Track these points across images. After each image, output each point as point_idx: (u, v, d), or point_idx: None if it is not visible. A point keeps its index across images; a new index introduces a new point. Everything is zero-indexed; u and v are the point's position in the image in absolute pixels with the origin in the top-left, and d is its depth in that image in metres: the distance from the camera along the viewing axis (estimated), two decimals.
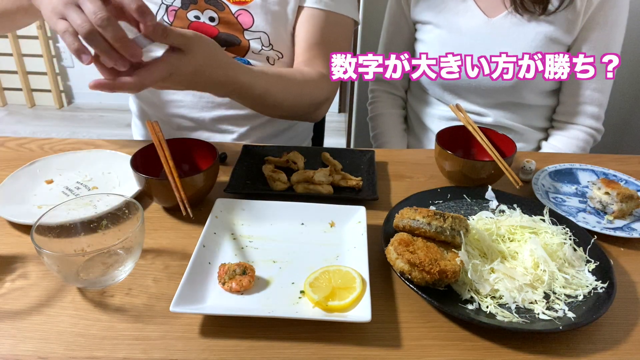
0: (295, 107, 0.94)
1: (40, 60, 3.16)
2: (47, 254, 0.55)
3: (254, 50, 0.99)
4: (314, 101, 0.97)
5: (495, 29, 1.05)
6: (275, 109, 0.93)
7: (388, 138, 1.24)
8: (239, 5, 0.95)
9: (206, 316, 0.57)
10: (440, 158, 0.84)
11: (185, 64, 0.69)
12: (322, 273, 0.61)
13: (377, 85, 1.30)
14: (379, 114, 1.28)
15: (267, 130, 1.11)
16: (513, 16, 1.04)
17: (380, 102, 1.29)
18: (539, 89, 1.09)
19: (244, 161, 0.88)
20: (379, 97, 1.29)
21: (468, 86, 1.10)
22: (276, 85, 0.87)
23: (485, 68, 0.90)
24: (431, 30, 1.11)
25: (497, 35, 1.05)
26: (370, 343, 0.55)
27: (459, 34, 1.08)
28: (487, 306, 0.58)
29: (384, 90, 1.29)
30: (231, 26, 0.97)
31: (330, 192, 0.79)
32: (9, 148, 0.94)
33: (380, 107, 1.28)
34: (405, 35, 1.19)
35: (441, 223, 0.63)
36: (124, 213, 0.65)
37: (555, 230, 0.68)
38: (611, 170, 0.88)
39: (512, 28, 1.04)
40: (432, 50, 1.11)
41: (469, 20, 1.07)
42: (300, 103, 0.94)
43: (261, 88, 0.84)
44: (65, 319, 0.57)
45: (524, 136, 1.15)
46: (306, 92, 0.94)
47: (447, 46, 1.08)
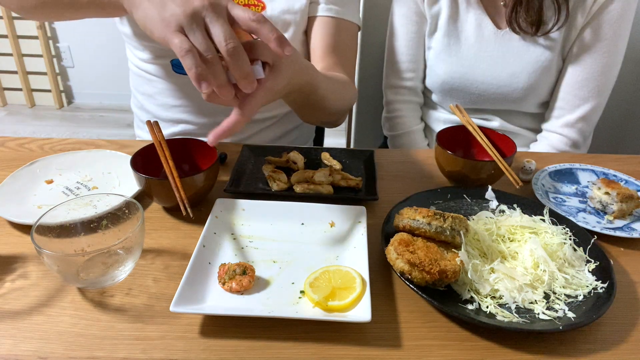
0: (335, 110, 0.91)
1: (40, 60, 3.16)
2: (47, 254, 0.55)
3: None
4: (350, 104, 0.98)
5: (505, 41, 1.04)
6: (320, 111, 0.89)
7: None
8: None
9: (206, 316, 0.57)
10: (440, 158, 0.84)
11: (279, 82, 0.62)
12: (322, 273, 0.61)
13: (395, 95, 1.20)
14: (406, 133, 1.19)
15: (269, 135, 1.12)
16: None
17: (403, 117, 1.20)
18: (542, 101, 1.10)
19: (244, 161, 0.88)
20: (400, 110, 1.20)
21: (477, 97, 1.09)
22: (331, 87, 0.84)
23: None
24: (440, 38, 1.09)
25: (506, 47, 1.04)
26: (370, 343, 0.55)
27: (468, 44, 1.07)
28: (487, 306, 0.58)
29: (405, 101, 1.20)
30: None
31: (330, 192, 0.79)
32: (9, 148, 0.94)
33: (406, 124, 1.19)
34: (423, 31, 1.12)
35: (441, 223, 0.63)
36: (124, 213, 0.65)
37: (555, 230, 0.68)
38: (611, 170, 0.88)
39: (522, 39, 1.03)
40: (440, 60, 1.10)
41: (478, 30, 1.05)
42: (342, 106, 0.93)
43: (323, 89, 0.80)
44: (65, 319, 0.57)
45: (529, 139, 1.15)
46: (347, 95, 0.94)
47: (456, 57, 1.08)
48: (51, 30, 3.15)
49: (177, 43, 0.53)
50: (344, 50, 1.00)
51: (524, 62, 1.03)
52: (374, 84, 1.34)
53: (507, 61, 1.04)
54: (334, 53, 0.98)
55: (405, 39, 1.14)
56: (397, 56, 1.17)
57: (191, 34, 0.54)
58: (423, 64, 1.17)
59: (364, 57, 1.45)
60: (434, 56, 1.12)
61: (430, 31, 1.11)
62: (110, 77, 3.27)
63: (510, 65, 1.04)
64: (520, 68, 1.03)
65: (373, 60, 1.32)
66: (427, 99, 1.22)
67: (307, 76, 0.73)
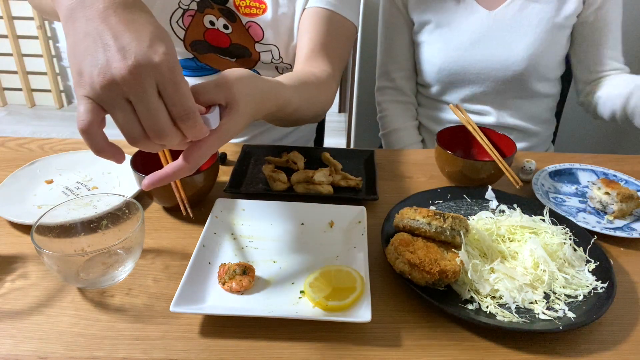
0: (312, 113, 0.88)
1: (40, 60, 3.16)
2: (47, 254, 0.55)
3: (264, 62, 0.99)
4: (329, 103, 0.94)
5: (497, 21, 1.06)
6: (298, 119, 0.85)
7: None
8: (249, 17, 0.95)
9: (206, 316, 0.57)
10: (440, 158, 0.84)
11: (238, 123, 0.54)
12: (322, 273, 0.61)
13: (383, 96, 1.23)
14: (393, 130, 1.21)
15: (270, 137, 1.12)
16: (514, 5, 1.04)
17: (391, 116, 1.21)
18: (547, 77, 1.10)
19: (244, 161, 0.88)
20: (387, 109, 1.22)
21: (476, 78, 1.09)
22: (304, 96, 0.79)
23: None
24: (432, 30, 1.11)
25: (500, 27, 1.05)
26: (370, 343, 0.55)
27: (461, 31, 1.08)
28: (487, 306, 0.58)
29: (392, 101, 1.22)
30: (243, 37, 0.97)
31: (330, 192, 0.79)
32: (9, 148, 0.94)
33: (392, 122, 1.21)
34: (405, 35, 1.16)
35: (441, 223, 0.63)
36: (124, 213, 0.65)
37: (555, 230, 0.68)
38: (611, 170, 0.88)
39: (514, 17, 1.04)
40: (435, 50, 1.11)
41: (469, 15, 1.07)
42: (318, 108, 0.89)
43: (295, 103, 0.74)
44: (65, 319, 0.57)
45: (526, 133, 1.15)
46: (322, 96, 0.90)
47: (451, 44, 1.08)
48: (51, 30, 3.14)
49: (79, 113, 0.45)
50: (335, 44, 0.95)
51: (520, 35, 1.04)
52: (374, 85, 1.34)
53: (502, 38, 1.06)
54: (321, 45, 0.93)
55: (391, 40, 1.18)
56: (385, 58, 1.21)
57: (111, 110, 0.45)
58: (412, 63, 1.19)
59: (364, 57, 1.46)
60: (427, 48, 1.13)
61: (419, 27, 1.13)
62: None
63: (506, 41, 1.06)
64: (517, 41, 1.05)
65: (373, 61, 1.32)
66: (424, 99, 1.22)
67: (274, 101, 0.65)
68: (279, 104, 0.66)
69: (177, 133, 0.47)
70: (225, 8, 0.94)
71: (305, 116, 0.84)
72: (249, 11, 0.95)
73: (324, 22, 0.95)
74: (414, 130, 1.22)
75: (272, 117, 0.73)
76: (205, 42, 0.97)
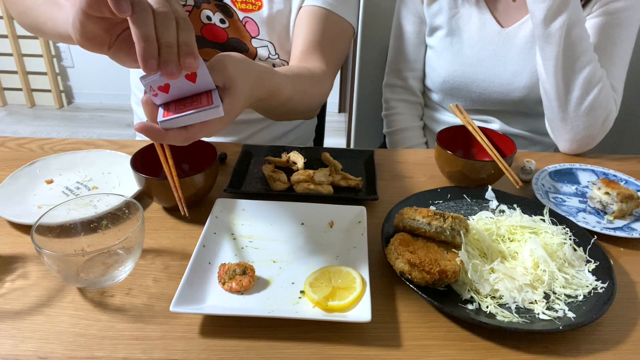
0: (305, 106, 0.89)
1: (40, 60, 3.16)
2: (47, 254, 0.55)
3: (260, 58, 0.99)
4: (322, 99, 0.94)
5: (508, 40, 1.04)
6: (289, 110, 0.86)
7: None
8: (245, 12, 0.95)
9: (206, 316, 0.57)
10: (440, 158, 0.84)
11: (236, 104, 0.57)
12: (322, 273, 0.61)
13: (393, 94, 1.21)
14: (400, 129, 1.20)
15: (269, 134, 1.11)
16: (528, 24, 1.01)
17: (399, 114, 1.20)
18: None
19: (244, 161, 0.88)
20: (396, 107, 1.21)
21: (478, 97, 1.09)
22: (297, 86, 0.80)
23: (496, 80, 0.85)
24: (443, 37, 1.09)
25: (509, 47, 1.04)
26: (370, 343, 0.55)
27: (471, 44, 1.06)
28: (487, 306, 0.58)
29: (400, 100, 1.21)
30: (239, 32, 0.97)
31: (330, 192, 0.79)
32: (9, 148, 0.94)
33: (400, 121, 1.20)
34: (418, 35, 1.13)
35: (441, 223, 0.63)
36: (124, 213, 0.65)
37: (555, 230, 0.68)
38: (611, 170, 0.88)
39: (525, 38, 1.02)
40: (443, 61, 1.10)
41: (481, 28, 1.05)
42: (310, 102, 0.90)
43: (288, 91, 0.75)
44: (65, 319, 0.57)
45: (531, 141, 1.15)
46: (315, 89, 0.90)
47: (458, 58, 1.07)
48: None
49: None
50: (331, 43, 0.95)
51: (526, 61, 1.03)
52: (374, 85, 1.34)
53: (509, 60, 1.04)
54: (316, 43, 0.93)
55: (404, 39, 1.16)
56: (396, 56, 1.19)
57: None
58: (422, 64, 1.17)
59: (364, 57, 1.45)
60: (435, 55, 1.12)
61: (431, 31, 1.11)
62: (110, 77, 3.27)
63: (512, 64, 1.04)
64: (522, 66, 1.03)
65: (373, 61, 1.32)
66: (427, 100, 1.22)
67: (267, 82, 0.67)
68: (271, 89, 0.69)
69: (177, 64, 0.50)
70: (221, 3, 0.95)
71: (297, 108, 0.85)
72: (244, 7, 0.95)
73: (320, 21, 0.95)
74: (420, 131, 1.22)
75: (264, 104, 0.74)
76: (203, 37, 0.97)
